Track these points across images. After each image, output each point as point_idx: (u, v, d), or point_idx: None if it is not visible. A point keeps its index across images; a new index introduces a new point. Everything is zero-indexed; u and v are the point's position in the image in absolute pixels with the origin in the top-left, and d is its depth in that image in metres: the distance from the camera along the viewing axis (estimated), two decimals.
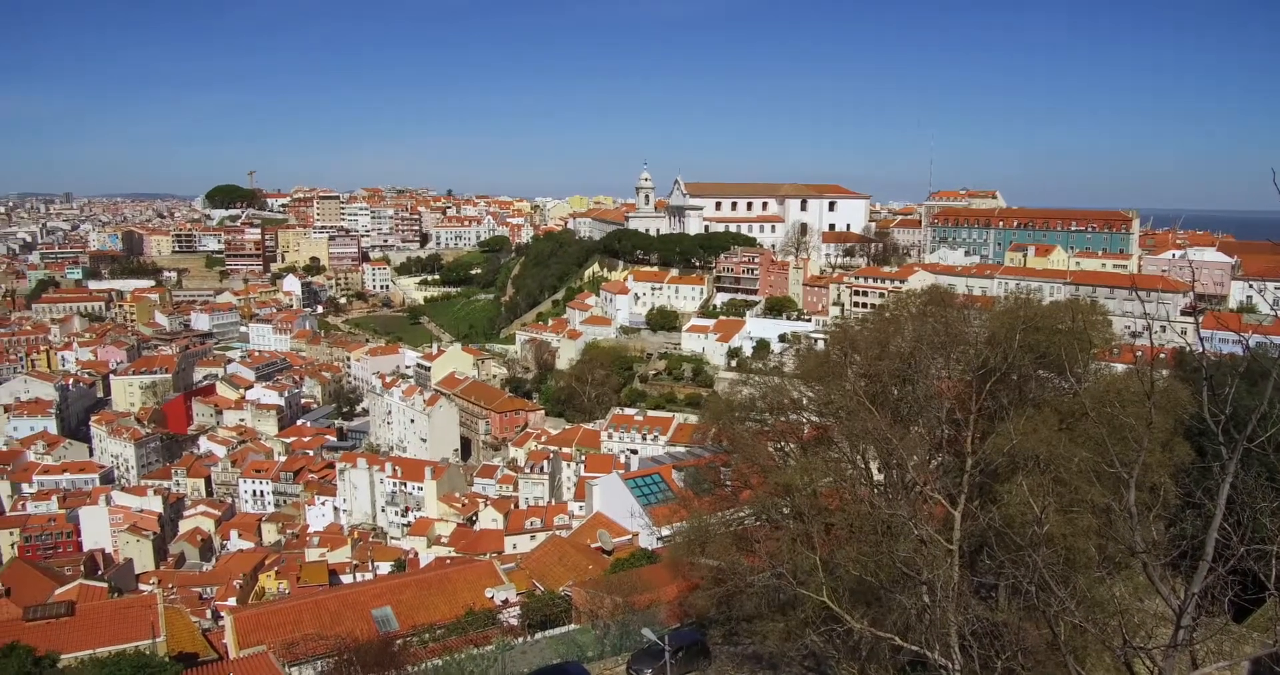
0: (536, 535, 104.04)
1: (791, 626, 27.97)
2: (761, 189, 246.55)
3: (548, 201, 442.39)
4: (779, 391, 36.60)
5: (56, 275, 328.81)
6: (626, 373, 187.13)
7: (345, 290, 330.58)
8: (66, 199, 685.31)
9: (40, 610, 45.21)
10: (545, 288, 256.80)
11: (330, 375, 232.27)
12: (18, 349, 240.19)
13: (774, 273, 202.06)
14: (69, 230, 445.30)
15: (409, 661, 37.28)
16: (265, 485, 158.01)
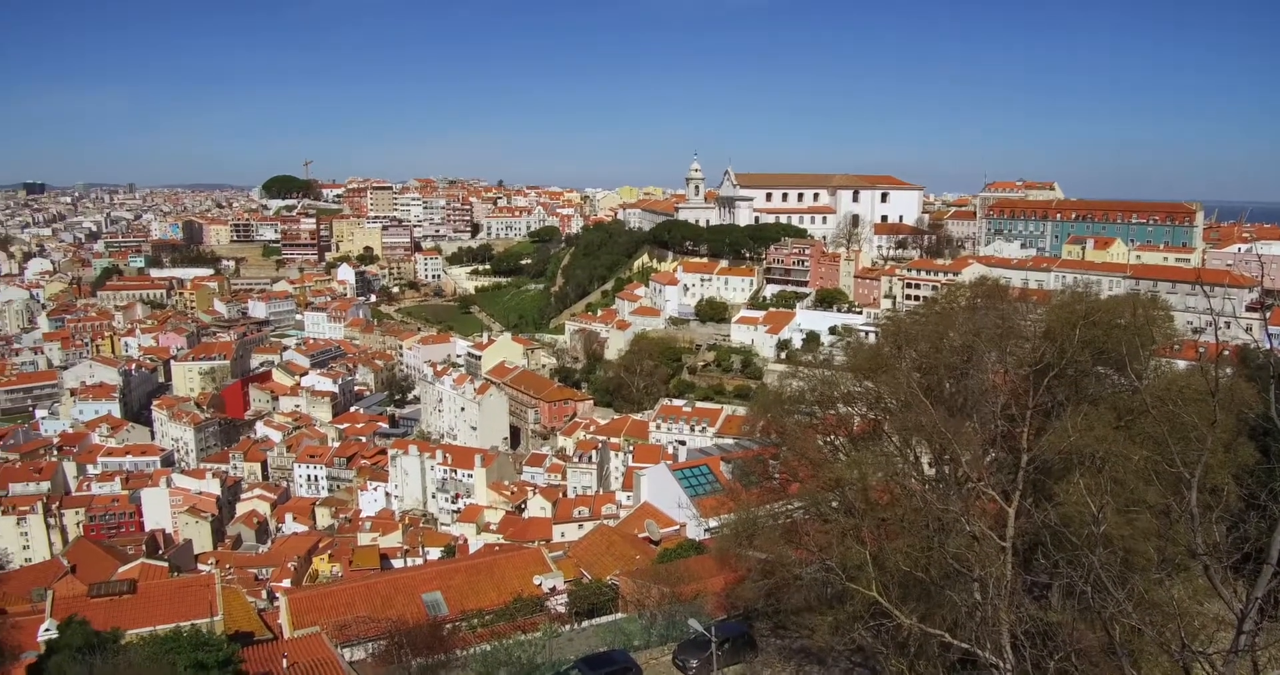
0: (584, 524, 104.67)
1: (839, 620, 27.79)
2: (813, 180, 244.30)
3: (597, 192, 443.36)
4: (829, 384, 36.25)
5: (120, 263, 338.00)
6: (675, 364, 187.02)
7: (398, 279, 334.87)
8: (130, 189, 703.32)
9: (104, 587, 46.66)
10: (595, 278, 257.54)
11: (383, 363, 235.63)
12: (83, 335, 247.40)
13: (825, 264, 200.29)
14: (132, 220, 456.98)
15: (458, 645, 37.80)
16: (319, 470, 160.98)
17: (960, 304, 37.38)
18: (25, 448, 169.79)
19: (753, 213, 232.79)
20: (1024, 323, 33.64)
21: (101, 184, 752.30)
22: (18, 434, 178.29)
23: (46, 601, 44.20)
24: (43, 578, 62.55)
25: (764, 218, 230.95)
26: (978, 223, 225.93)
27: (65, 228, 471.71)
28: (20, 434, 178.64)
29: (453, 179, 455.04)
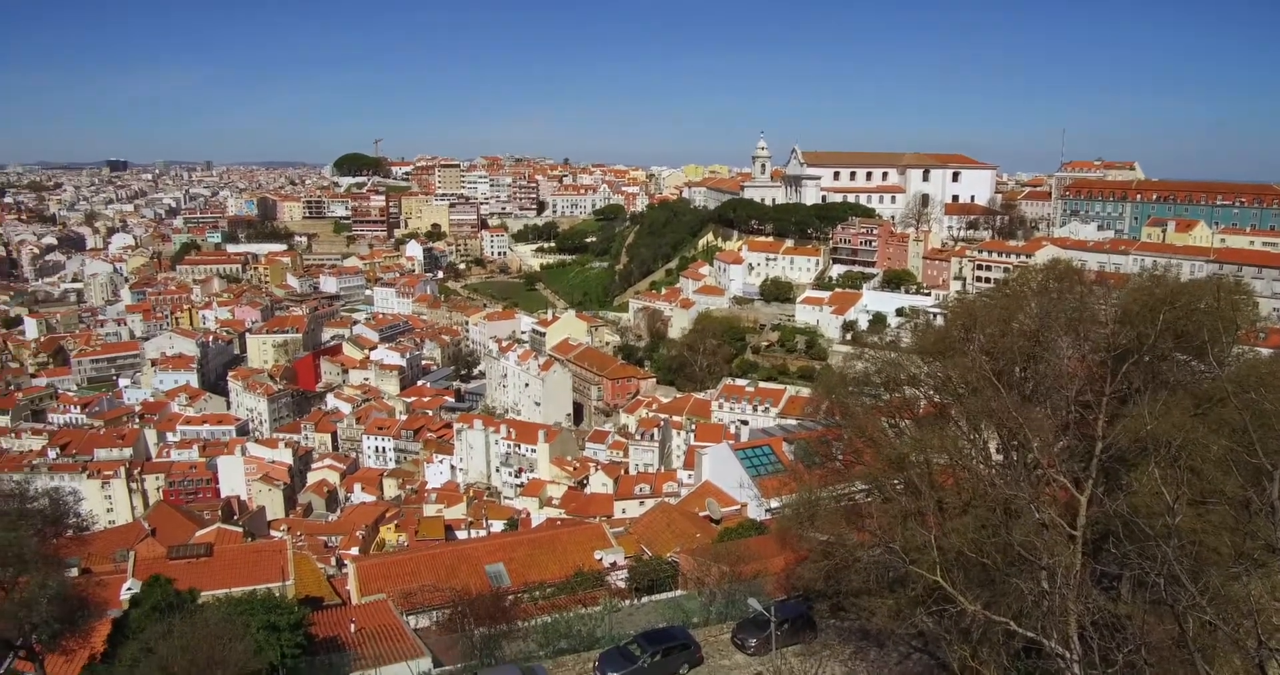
0: (645, 501, 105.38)
1: (901, 604, 27.60)
2: (882, 158, 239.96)
3: (663, 170, 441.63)
4: (895, 366, 35.80)
5: (198, 239, 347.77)
6: (739, 343, 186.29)
7: (464, 256, 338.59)
8: (207, 167, 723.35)
9: (182, 550, 48.49)
10: (659, 256, 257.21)
11: (449, 338, 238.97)
12: (163, 307, 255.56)
13: (893, 245, 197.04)
14: (209, 196, 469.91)
15: (519, 617, 38.44)
16: (387, 442, 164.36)
17: (1033, 287, 36.48)
18: (109, 415, 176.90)
19: (819, 191, 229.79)
20: (1100, 307, 32.71)
21: (180, 161, 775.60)
22: (102, 402, 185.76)
23: (129, 562, 46.13)
24: (125, 539, 65.07)
25: (831, 197, 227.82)
26: (1053, 203, 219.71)
27: (146, 204, 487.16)
28: (105, 402, 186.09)
29: (519, 157, 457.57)
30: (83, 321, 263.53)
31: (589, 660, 33.91)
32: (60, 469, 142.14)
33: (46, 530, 32.73)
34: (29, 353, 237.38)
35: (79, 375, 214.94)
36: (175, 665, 24.23)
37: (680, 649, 33.62)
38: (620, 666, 32.62)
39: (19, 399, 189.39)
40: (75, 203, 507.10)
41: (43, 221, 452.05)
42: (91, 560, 45.78)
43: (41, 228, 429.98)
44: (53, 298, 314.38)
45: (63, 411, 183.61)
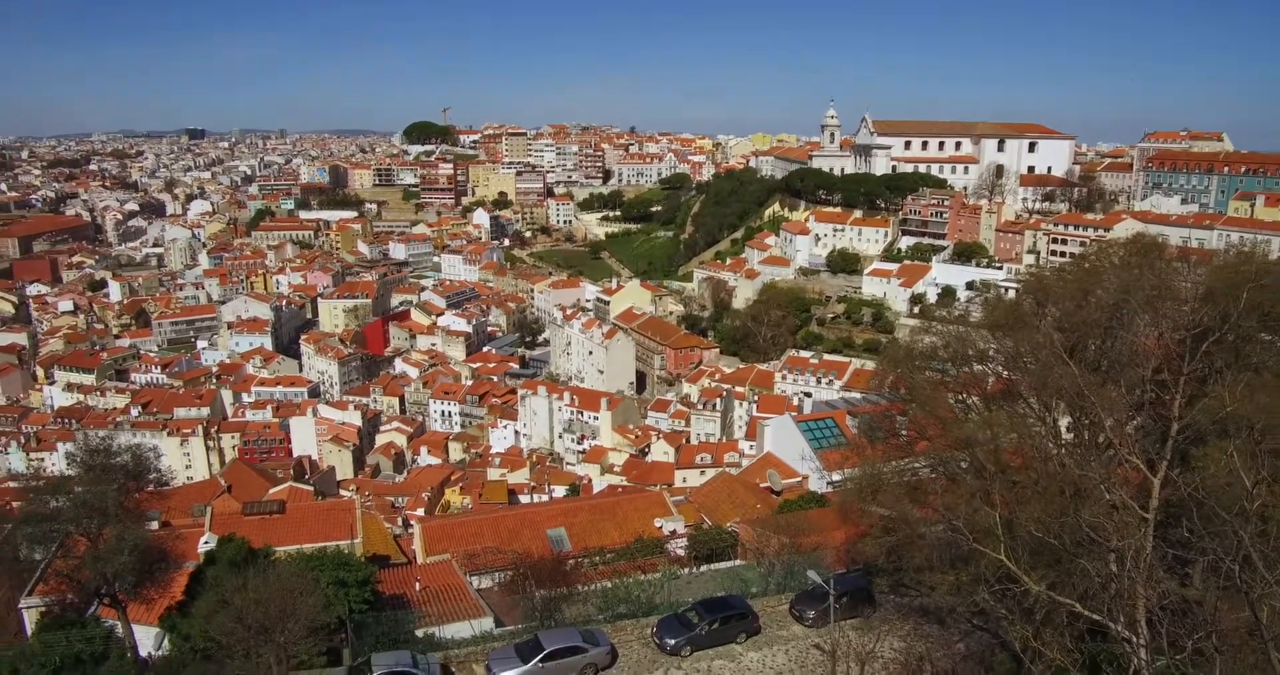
0: (706, 471, 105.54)
1: (962, 582, 27.28)
2: (955, 127, 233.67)
3: (729, 139, 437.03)
4: (964, 341, 35.11)
5: (272, 205, 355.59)
6: (804, 315, 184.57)
7: (530, 224, 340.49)
8: (281, 135, 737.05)
9: (256, 507, 50.12)
10: (724, 226, 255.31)
11: (515, 305, 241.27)
12: (239, 272, 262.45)
13: (964, 216, 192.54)
14: (283, 164, 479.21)
15: (580, 581, 39.01)
16: (453, 406, 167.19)
17: (1111, 261, 35.37)
18: (188, 375, 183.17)
19: (890, 161, 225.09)
20: (1182, 283, 31.56)
21: (256, 130, 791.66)
22: (181, 363, 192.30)
23: (206, 517, 47.85)
24: (202, 495, 67.33)
25: (902, 167, 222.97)
26: (1134, 175, 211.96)
27: (223, 171, 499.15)
28: (184, 363, 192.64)
29: (585, 125, 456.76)
30: (163, 285, 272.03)
31: (647, 626, 34.30)
32: (142, 426, 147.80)
33: (129, 485, 34.03)
34: (113, 315, 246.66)
35: (159, 337, 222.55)
36: (250, 616, 25.15)
37: (738, 618, 33.81)
38: (678, 633, 32.96)
39: (104, 359, 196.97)
40: (156, 170, 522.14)
41: (125, 188, 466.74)
42: (170, 514, 47.59)
43: (124, 194, 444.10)
44: (135, 262, 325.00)
45: (144, 371, 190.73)
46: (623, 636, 33.87)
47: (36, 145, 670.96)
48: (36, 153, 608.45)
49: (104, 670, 30.31)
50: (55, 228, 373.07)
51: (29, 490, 36.44)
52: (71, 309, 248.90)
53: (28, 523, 33.20)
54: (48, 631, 32.56)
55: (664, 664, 32.39)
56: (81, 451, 35.66)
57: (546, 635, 32.14)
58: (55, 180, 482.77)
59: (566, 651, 31.14)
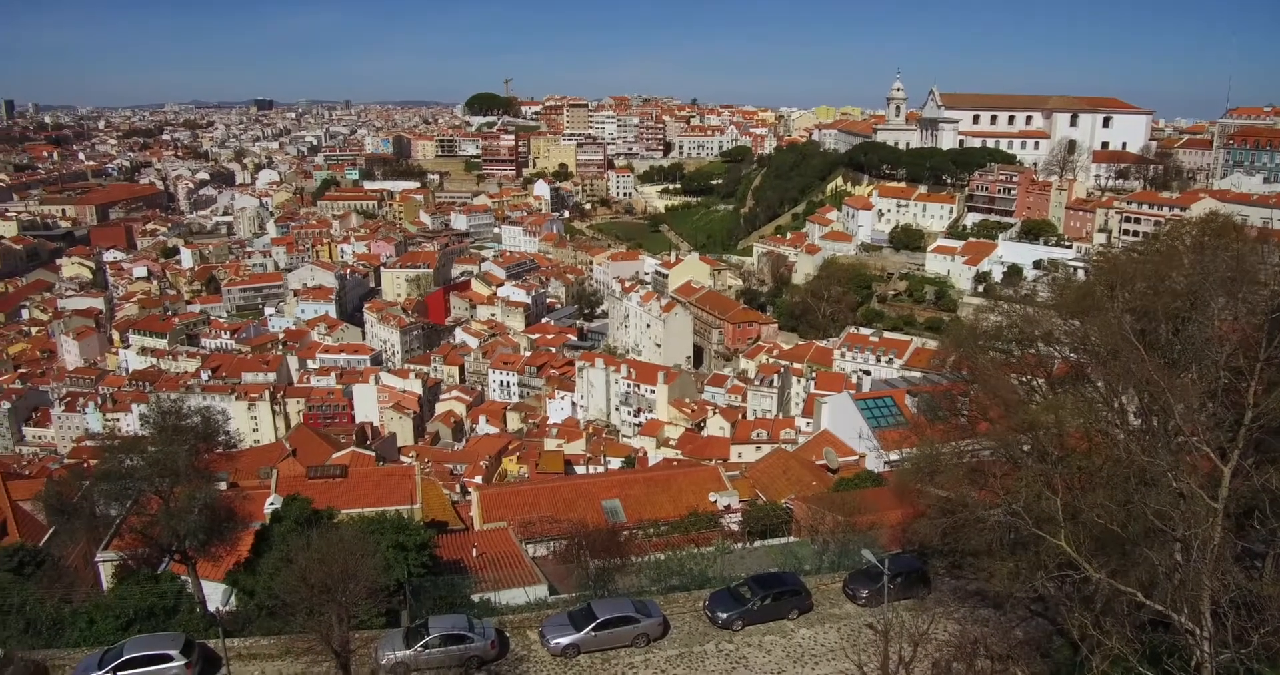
0: (762, 446, 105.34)
1: (1021, 567, 26.87)
2: (1026, 101, 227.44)
3: (792, 112, 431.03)
4: (1030, 322, 34.34)
5: (338, 176, 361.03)
6: (864, 291, 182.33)
7: (590, 196, 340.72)
8: (346, 106, 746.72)
9: (320, 470, 51.48)
10: (785, 200, 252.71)
11: (573, 277, 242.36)
12: (305, 241, 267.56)
13: (1034, 193, 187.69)
14: (348, 135, 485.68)
15: (633, 552, 39.33)
16: (511, 377, 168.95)
17: (1187, 242, 34.16)
18: (255, 341, 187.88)
19: (957, 136, 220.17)
20: (1262, 267, 30.36)
21: (322, 101, 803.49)
22: (249, 329, 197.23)
23: (272, 479, 49.30)
24: (268, 458, 69.20)
25: (969, 141, 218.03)
26: (1214, 153, 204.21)
27: (290, 141, 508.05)
28: (252, 329, 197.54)
29: (647, 97, 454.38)
30: (232, 253, 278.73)
31: (699, 599, 34.49)
32: (211, 390, 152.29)
33: (199, 446, 35.04)
34: (185, 281, 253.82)
35: (229, 303, 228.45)
36: (312, 576, 25.83)
37: (790, 594, 33.82)
38: (730, 607, 33.10)
39: (176, 324, 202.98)
40: (226, 140, 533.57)
41: (197, 158, 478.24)
42: (238, 476, 49.05)
43: (195, 164, 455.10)
44: (205, 230, 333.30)
45: (214, 337, 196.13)
46: (675, 608, 34.12)
47: (113, 116, 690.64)
48: (113, 123, 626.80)
49: (174, 623, 31.49)
50: (130, 196, 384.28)
51: (105, 449, 37.75)
52: (146, 275, 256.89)
53: (104, 480, 34.46)
54: (122, 585, 33.94)
55: (715, 637, 32.59)
56: (154, 413, 36.74)
57: (600, 604, 32.53)
58: (130, 150, 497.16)
59: (619, 621, 31.51)
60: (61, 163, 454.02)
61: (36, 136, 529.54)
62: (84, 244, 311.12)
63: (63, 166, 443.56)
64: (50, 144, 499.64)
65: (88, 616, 31.72)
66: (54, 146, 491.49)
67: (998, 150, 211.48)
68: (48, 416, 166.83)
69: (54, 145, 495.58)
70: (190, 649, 29.06)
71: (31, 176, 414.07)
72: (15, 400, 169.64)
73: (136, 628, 30.87)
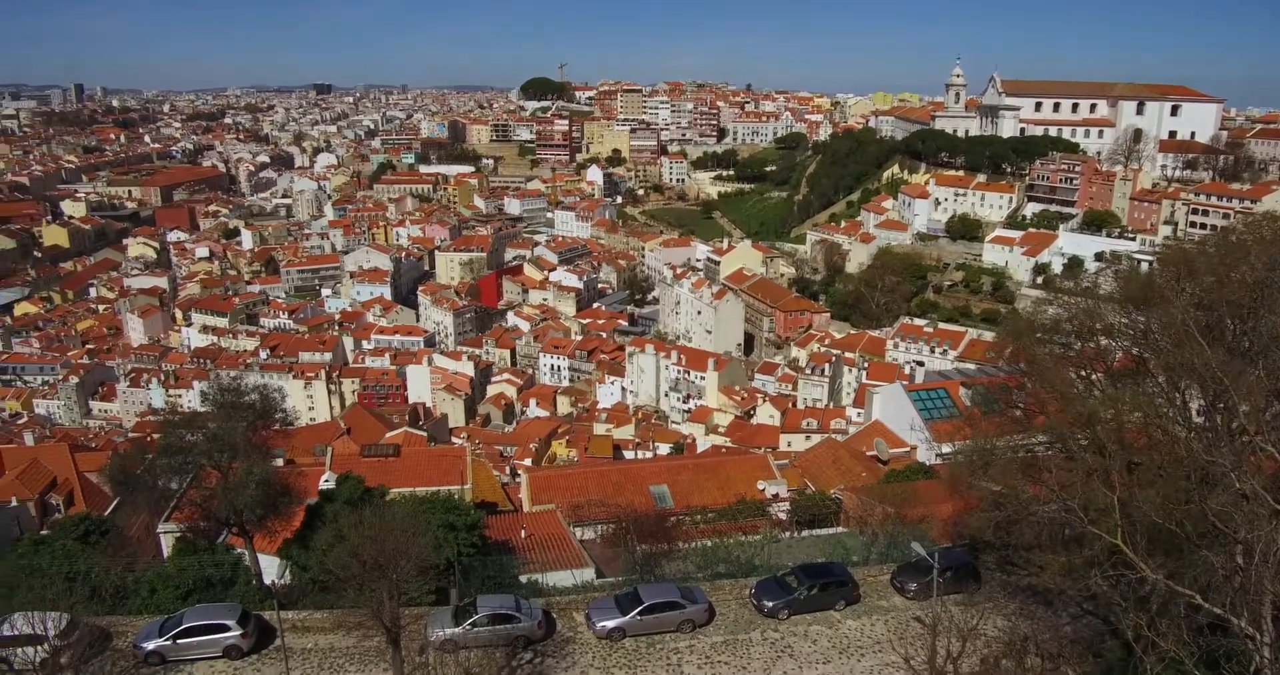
0: (812, 436, 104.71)
1: (1074, 564, 26.42)
2: (1090, 88, 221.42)
3: (849, 98, 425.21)
4: (1090, 314, 33.61)
5: (394, 159, 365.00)
6: (919, 281, 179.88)
7: (643, 182, 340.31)
8: (403, 90, 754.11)
9: (373, 449, 52.40)
10: (840, 188, 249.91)
11: (625, 263, 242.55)
12: (362, 223, 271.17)
13: (1096, 183, 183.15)
14: (404, 119, 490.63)
15: (680, 538, 39.44)
16: (562, 361, 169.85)
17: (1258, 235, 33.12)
18: (312, 322, 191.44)
19: (1018, 123, 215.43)
20: None
21: (379, 85, 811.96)
22: (307, 309, 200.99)
23: (327, 457, 50.30)
24: (324, 436, 70.64)
25: (1030, 129, 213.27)
26: None
27: (348, 125, 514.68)
28: (309, 309, 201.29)
29: (701, 83, 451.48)
30: (290, 234, 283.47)
31: (745, 586, 34.50)
32: (269, 368, 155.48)
33: (257, 423, 35.78)
34: (245, 262, 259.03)
35: (287, 284, 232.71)
36: (365, 552, 26.34)
37: (837, 585, 33.68)
38: (777, 596, 33.06)
39: (236, 303, 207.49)
40: (285, 124, 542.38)
41: (257, 141, 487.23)
42: (294, 453, 50.09)
43: (256, 147, 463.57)
44: (265, 212, 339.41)
45: (272, 316, 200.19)
46: (720, 595, 34.19)
47: (178, 99, 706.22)
48: (177, 106, 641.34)
49: (231, 594, 32.38)
50: (193, 178, 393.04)
51: (167, 424, 38.76)
52: (207, 255, 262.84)
53: (166, 454, 35.41)
54: (182, 556, 34.93)
55: (760, 625, 32.59)
56: (214, 390, 37.60)
57: (646, 589, 32.70)
58: (194, 133, 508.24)
59: (665, 606, 31.67)
60: (128, 145, 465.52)
61: (105, 119, 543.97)
62: (149, 224, 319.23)
63: (129, 149, 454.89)
64: (118, 127, 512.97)
65: (149, 585, 32.74)
66: (121, 129, 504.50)
67: (1060, 139, 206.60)
68: (113, 391, 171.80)
69: (121, 128, 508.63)
70: (246, 620, 29.94)
71: (100, 158, 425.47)
72: (83, 375, 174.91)
73: (195, 597, 31.85)
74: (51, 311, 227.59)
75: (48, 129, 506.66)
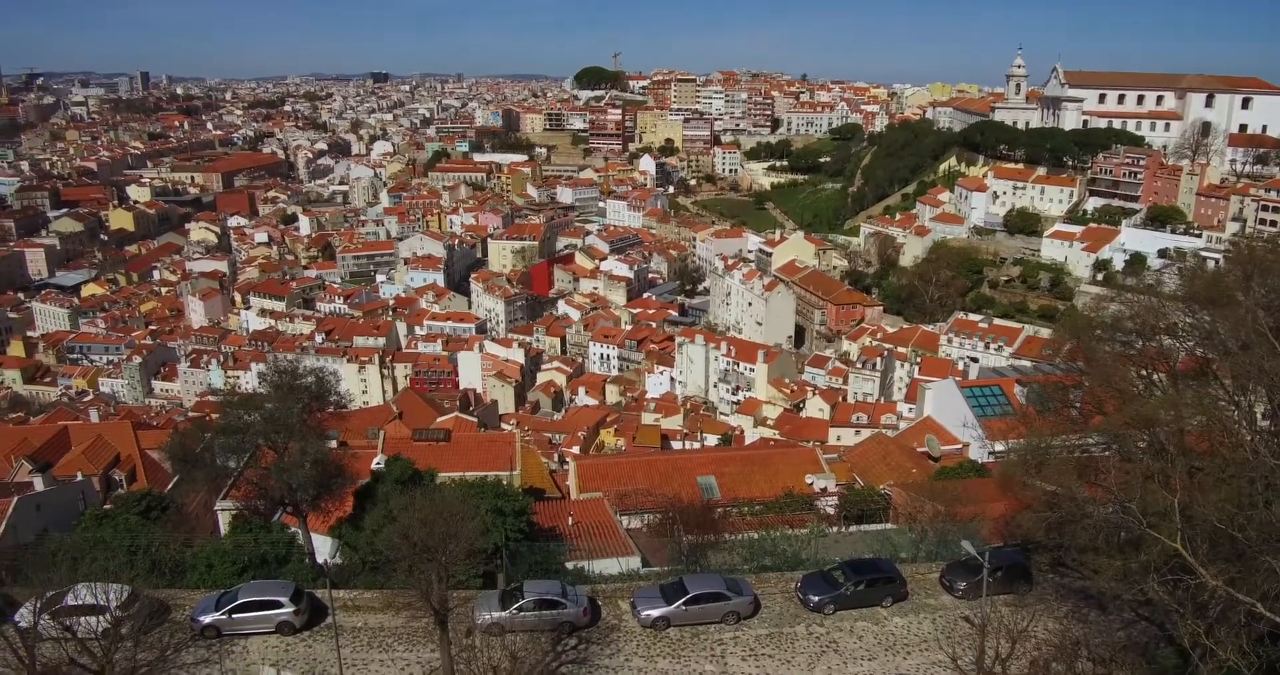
0: (861, 431, 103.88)
1: (1130, 568, 25.86)
2: (1157, 80, 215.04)
3: (906, 88, 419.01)
4: (1153, 313, 32.75)
5: (448, 147, 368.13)
6: (975, 276, 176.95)
7: (696, 172, 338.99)
8: (458, 79, 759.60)
9: (424, 433, 53.07)
10: (896, 180, 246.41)
11: (676, 253, 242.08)
12: (416, 211, 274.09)
13: (1162, 178, 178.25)
14: (459, 107, 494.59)
15: (727, 530, 39.40)
16: (611, 350, 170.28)
17: None
18: (367, 307, 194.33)
19: (1081, 115, 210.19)
20: None
21: (435, 74, 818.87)
22: (362, 295, 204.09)
23: (379, 440, 51.06)
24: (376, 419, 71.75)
25: (1094, 122, 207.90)
26: None
27: (404, 113, 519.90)
28: (363, 295, 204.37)
29: (755, 72, 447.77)
30: (347, 221, 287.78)
31: (791, 580, 34.36)
32: (325, 352, 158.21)
33: (312, 405, 36.53)
34: (302, 247, 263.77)
35: (343, 269, 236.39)
36: (415, 535, 26.70)
37: (885, 582, 33.39)
38: (823, 590, 32.87)
39: (293, 288, 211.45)
40: (343, 112, 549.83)
41: (316, 128, 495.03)
42: (347, 435, 50.91)
43: (314, 134, 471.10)
44: (322, 198, 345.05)
45: (328, 301, 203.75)
46: (766, 588, 34.09)
47: (239, 87, 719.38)
48: (239, 94, 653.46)
49: (285, 572, 33.09)
50: (253, 164, 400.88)
51: (225, 405, 39.74)
52: (266, 240, 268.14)
53: (224, 434, 36.31)
54: (238, 533, 35.81)
55: (806, 619, 32.45)
56: (271, 372, 38.43)
57: (691, 579, 32.74)
58: (254, 120, 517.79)
59: (710, 597, 31.68)
60: (191, 132, 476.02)
61: (169, 107, 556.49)
62: (210, 209, 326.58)
63: (192, 135, 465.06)
64: (181, 114, 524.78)
65: (207, 561, 33.61)
66: (185, 117, 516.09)
67: (1124, 131, 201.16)
68: (174, 371, 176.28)
69: (185, 115, 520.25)
70: (299, 597, 30.58)
71: (164, 144, 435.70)
72: (146, 355, 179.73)
73: (250, 574, 32.63)
74: (117, 293, 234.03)
75: (115, 116, 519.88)
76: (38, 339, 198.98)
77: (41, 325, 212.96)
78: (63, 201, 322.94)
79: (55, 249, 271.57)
